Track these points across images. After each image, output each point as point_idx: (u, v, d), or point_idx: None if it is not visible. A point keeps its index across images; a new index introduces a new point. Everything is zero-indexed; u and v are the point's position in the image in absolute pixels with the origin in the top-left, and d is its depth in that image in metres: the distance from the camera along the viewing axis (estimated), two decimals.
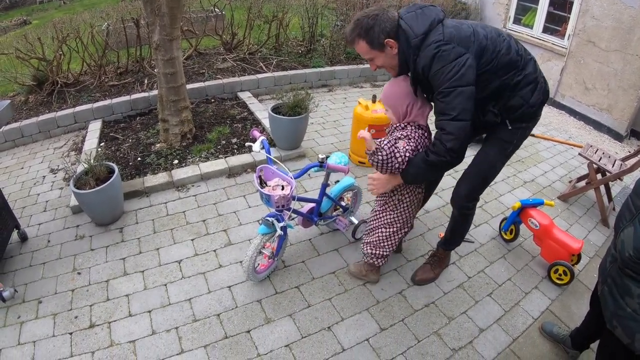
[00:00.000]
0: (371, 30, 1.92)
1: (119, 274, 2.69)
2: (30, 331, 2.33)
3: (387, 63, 2.06)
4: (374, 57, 2.03)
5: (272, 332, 2.32)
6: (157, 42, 3.46)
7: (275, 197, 2.20)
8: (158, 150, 3.92)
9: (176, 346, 2.23)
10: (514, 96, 1.99)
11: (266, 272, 2.62)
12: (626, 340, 1.48)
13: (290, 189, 2.24)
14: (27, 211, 3.34)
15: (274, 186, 2.28)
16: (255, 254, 2.37)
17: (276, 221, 2.32)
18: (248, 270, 2.41)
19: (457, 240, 2.67)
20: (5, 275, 2.70)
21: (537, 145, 4.67)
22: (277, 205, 2.24)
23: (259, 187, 2.25)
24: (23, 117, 4.53)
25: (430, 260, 2.76)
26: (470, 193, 2.33)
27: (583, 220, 3.44)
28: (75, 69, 5.26)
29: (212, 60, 5.79)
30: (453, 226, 2.57)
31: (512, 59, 1.95)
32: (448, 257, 2.83)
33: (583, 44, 5.37)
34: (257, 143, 2.36)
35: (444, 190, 3.64)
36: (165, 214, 3.24)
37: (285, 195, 2.20)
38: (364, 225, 2.94)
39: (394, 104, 2.18)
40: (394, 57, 2.01)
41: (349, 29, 2.00)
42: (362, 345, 2.27)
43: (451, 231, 2.61)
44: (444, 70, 1.81)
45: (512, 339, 2.36)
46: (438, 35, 1.84)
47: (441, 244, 2.72)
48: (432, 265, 2.74)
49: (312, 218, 2.73)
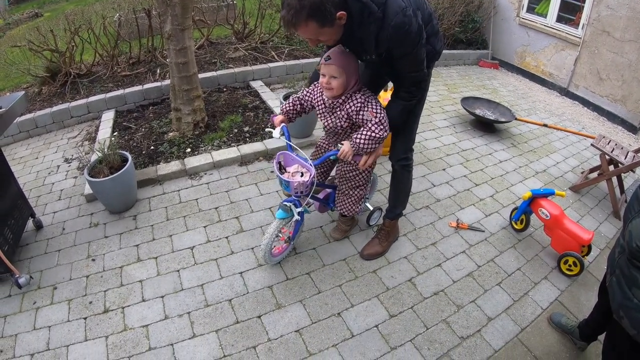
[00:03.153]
0: (321, 6, 1.72)
1: (133, 260, 2.73)
2: (46, 316, 2.37)
3: (333, 37, 1.92)
4: (320, 35, 1.86)
5: (283, 318, 2.35)
6: (169, 32, 3.48)
7: (294, 183, 2.21)
8: (171, 139, 3.95)
9: (188, 331, 2.26)
10: (426, 45, 2.06)
11: (281, 255, 2.67)
12: (632, 332, 1.47)
13: (310, 176, 2.24)
14: (42, 200, 3.39)
15: (293, 172, 2.29)
16: (273, 237, 2.41)
17: (294, 206, 2.34)
18: (265, 253, 2.46)
19: (403, 202, 2.75)
20: (21, 263, 2.74)
21: (549, 136, 4.63)
22: (296, 191, 2.25)
23: (278, 173, 2.26)
24: (37, 108, 4.58)
25: (378, 234, 2.81)
26: (407, 145, 2.51)
27: (594, 212, 3.42)
28: (87, 60, 5.30)
29: (223, 49, 5.78)
30: (396, 187, 2.69)
31: (429, 11, 2.09)
32: (396, 229, 2.88)
33: (597, 34, 5.30)
34: (278, 129, 2.35)
35: (455, 179, 3.65)
36: (178, 201, 3.27)
37: (304, 181, 2.21)
38: (378, 213, 2.97)
39: (350, 73, 2.10)
40: (341, 28, 1.90)
41: (290, 12, 1.73)
42: (372, 331, 2.29)
43: (395, 193, 2.72)
44: (409, 35, 1.84)
45: (520, 328, 2.36)
46: (399, 2, 1.80)
47: (387, 214, 2.79)
48: (380, 239, 2.78)
49: (328, 204, 2.77)
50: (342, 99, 2.16)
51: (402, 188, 2.68)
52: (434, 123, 4.69)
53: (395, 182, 2.67)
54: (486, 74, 6.67)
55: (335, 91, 2.11)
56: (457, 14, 6.76)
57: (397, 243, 2.90)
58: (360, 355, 2.16)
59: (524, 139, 4.51)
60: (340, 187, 2.60)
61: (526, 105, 5.53)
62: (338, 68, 2.03)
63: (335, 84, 2.07)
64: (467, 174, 3.75)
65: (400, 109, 2.21)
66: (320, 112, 2.32)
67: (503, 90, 5.98)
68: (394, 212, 2.75)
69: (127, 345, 2.19)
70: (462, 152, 4.12)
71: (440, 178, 3.65)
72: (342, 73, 2.05)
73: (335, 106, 2.20)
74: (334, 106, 2.21)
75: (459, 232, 3.04)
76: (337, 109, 2.20)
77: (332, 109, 2.23)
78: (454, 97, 5.48)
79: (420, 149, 4.10)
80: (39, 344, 2.22)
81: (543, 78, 6.33)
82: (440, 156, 4.00)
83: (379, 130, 2.13)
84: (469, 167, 3.85)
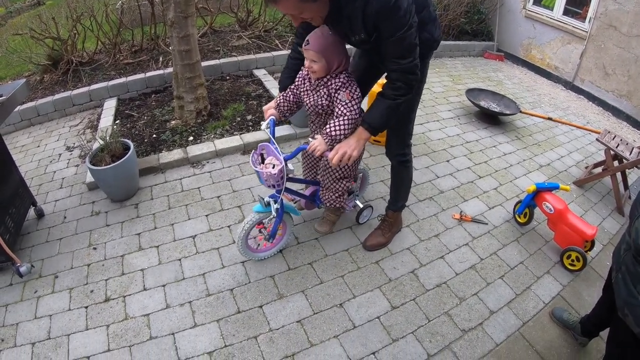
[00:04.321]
0: None
1: (134, 249, 2.72)
2: (47, 305, 2.38)
3: (318, 13, 1.82)
4: (303, 11, 1.76)
5: (284, 308, 2.35)
6: (172, 20, 3.45)
7: (263, 174, 2.16)
8: (173, 127, 3.93)
9: (189, 320, 2.26)
10: (423, 32, 1.96)
11: (266, 253, 2.62)
12: (636, 329, 1.46)
13: (279, 168, 2.16)
14: (44, 188, 3.38)
15: (267, 164, 2.24)
16: (246, 229, 2.36)
17: (272, 202, 2.30)
18: (239, 246, 2.43)
19: (404, 195, 2.69)
20: (22, 251, 2.74)
21: (554, 129, 4.60)
22: (267, 183, 2.21)
23: (251, 163, 2.21)
24: (38, 96, 4.56)
25: (381, 225, 2.78)
26: (403, 141, 2.42)
27: (598, 207, 3.40)
28: (90, 48, 5.26)
29: (227, 37, 5.74)
30: (396, 181, 2.63)
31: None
32: (399, 221, 2.84)
33: (604, 28, 5.25)
34: (265, 122, 2.33)
35: (459, 171, 3.63)
36: (180, 190, 3.26)
37: (272, 173, 2.14)
38: (369, 211, 2.92)
39: (331, 57, 2.02)
40: (326, 5, 1.80)
41: None
42: (373, 322, 2.29)
43: (395, 187, 2.66)
44: (398, 10, 1.69)
45: (522, 322, 2.36)
46: None
47: (389, 206, 2.75)
48: (383, 230, 2.76)
49: (315, 201, 2.72)
50: (326, 79, 2.11)
51: (402, 183, 2.64)
52: (438, 114, 4.66)
53: (394, 177, 2.63)
54: (491, 66, 6.63)
55: (317, 74, 2.08)
56: (463, 5, 6.70)
57: (400, 234, 2.89)
58: (361, 346, 2.16)
59: (529, 132, 4.48)
60: (323, 181, 2.51)
61: (531, 98, 5.49)
62: (316, 53, 1.99)
63: (315, 67, 2.04)
64: (471, 166, 3.73)
65: (384, 108, 1.98)
66: (304, 90, 2.27)
67: (508, 83, 5.94)
68: (396, 204, 2.72)
69: (128, 334, 2.19)
70: (466, 143, 4.10)
71: (444, 169, 3.63)
72: (320, 57, 2.00)
73: (319, 85, 2.16)
74: (318, 84, 2.16)
75: (462, 224, 3.03)
76: (321, 87, 2.15)
77: (315, 87, 2.18)
78: (458, 88, 5.44)
79: (424, 139, 4.08)
80: (40, 333, 2.22)
81: (548, 71, 6.28)
82: (444, 147, 3.98)
83: (349, 111, 2.04)
84: (473, 159, 3.83)
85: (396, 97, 1.93)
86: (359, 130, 2.03)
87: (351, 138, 2.03)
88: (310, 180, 2.70)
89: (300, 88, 2.30)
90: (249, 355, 2.10)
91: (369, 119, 2.01)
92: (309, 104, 2.24)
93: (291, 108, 2.37)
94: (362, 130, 2.02)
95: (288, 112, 2.38)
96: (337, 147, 2.01)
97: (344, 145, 2.01)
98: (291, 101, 2.34)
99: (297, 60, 2.31)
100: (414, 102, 2.30)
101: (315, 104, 2.20)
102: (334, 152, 2.01)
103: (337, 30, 1.99)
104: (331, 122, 2.05)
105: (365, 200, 3.17)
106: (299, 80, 2.29)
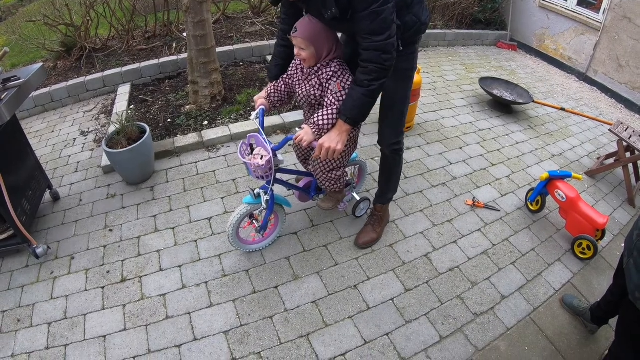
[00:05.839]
0: None
1: (150, 230, 2.76)
2: (63, 286, 2.42)
3: None
4: None
5: (299, 289, 2.38)
6: (187, 5, 3.46)
7: (251, 165, 2.12)
8: (188, 111, 3.96)
9: (205, 300, 2.30)
10: (408, 14, 1.92)
11: (257, 245, 2.59)
12: None
13: (266, 159, 2.10)
14: (59, 172, 3.43)
15: (255, 155, 2.19)
16: (236, 221, 2.32)
17: (263, 193, 2.27)
18: (229, 237, 2.40)
19: (394, 187, 2.64)
20: (38, 233, 2.79)
21: (566, 120, 4.57)
22: (256, 174, 2.17)
23: (239, 154, 2.17)
24: (52, 82, 4.60)
25: (371, 221, 2.73)
26: (396, 130, 2.33)
27: (609, 198, 3.39)
28: (103, 34, 5.30)
29: (240, 24, 5.75)
30: (387, 172, 2.56)
31: None
32: (387, 213, 2.80)
33: (618, 19, 5.18)
34: (254, 113, 2.26)
35: (472, 158, 3.64)
36: (196, 173, 3.28)
37: (260, 164, 2.09)
38: (366, 203, 2.85)
39: (319, 43, 1.97)
40: None
41: None
42: (387, 304, 2.32)
43: (386, 177, 2.58)
44: None
45: (532, 308, 2.37)
46: None
47: (378, 200, 2.69)
48: (374, 225, 2.71)
49: (309, 193, 2.65)
50: (317, 67, 2.06)
51: (393, 173, 2.56)
52: (451, 102, 4.66)
53: (385, 167, 2.55)
54: (504, 55, 6.58)
55: (307, 62, 2.04)
56: None
57: (413, 219, 2.91)
58: (375, 327, 2.19)
59: (541, 121, 4.46)
60: (315, 172, 2.40)
61: (544, 88, 5.45)
62: (304, 40, 1.95)
63: (304, 55, 1.99)
64: (484, 153, 3.73)
65: (358, 97, 1.88)
66: (297, 80, 2.22)
67: (521, 73, 5.90)
68: (385, 197, 2.66)
69: (145, 314, 2.23)
70: (479, 131, 4.09)
71: (457, 156, 3.64)
72: (309, 45, 1.95)
73: (311, 74, 2.11)
74: (309, 74, 2.11)
75: (474, 210, 3.04)
76: (312, 76, 2.10)
77: (307, 76, 2.13)
78: (471, 77, 5.42)
79: (437, 127, 4.09)
80: (56, 313, 2.26)
81: (562, 62, 6.21)
82: (457, 135, 3.98)
83: (338, 102, 2.00)
84: (486, 147, 3.82)
85: (370, 82, 1.83)
86: (339, 122, 1.96)
87: (332, 132, 1.97)
88: (303, 171, 2.65)
89: (292, 78, 2.25)
90: (264, 335, 2.13)
91: (345, 110, 1.93)
92: (300, 94, 2.20)
93: (282, 98, 2.30)
94: (342, 123, 1.95)
95: (278, 103, 2.32)
96: (320, 143, 1.95)
97: (326, 140, 1.95)
98: (282, 91, 2.28)
99: (284, 48, 2.25)
100: (407, 89, 2.22)
101: (307, 94, 2.15)
102: (318, 150, 1.97)
103: (311, 8, 1.91)
104: (319, 112, 2.01)
105: None
106: (292, 69, 2.24)
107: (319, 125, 1.99)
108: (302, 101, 2.24)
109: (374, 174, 3.29)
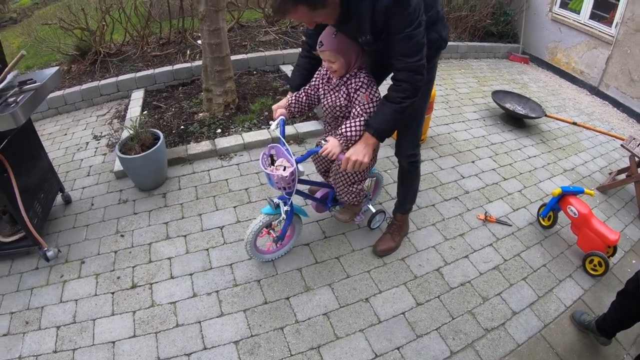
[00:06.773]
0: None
1: (162, 237, 2.77)
2: (73, 290, 2.42)
3: (329, 15, 1.80)
4: (315, 17, 1.77)
5: (311, 300, 2.37)
6: (203, 13, 3.49)
7: (274, 177, 2.11)
8: (201, 119, 3.98)
9: (216, 309, 2.30)
10: (432, 32, 1.95)
11: (273, 255, 2.60)
12: None
13: (290, 171, 2.10)
14: (71, 175, 3.44)
15: (277, 166, 2.18)
16: (255, 231, 2.32)
17: (282, 204, 2.26)
18: (247, 247, 2.39)
19: (412, 197, 2.67)
20: (49, 236, 2.80)
21: (578, 134, 4.55)
22: (278, 185, 2.16)
23: (261, 165, 2.15)
24: (66, 86, 4.64)
25: (390, 229, 2.75)
26: (413, 142, 2.38)
27: (621, 214, 3.36)
28: (117, 40, 5.35)
29: (254, 32, 5.79)
30: (405, 183, 2.60)
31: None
32: (407, 223, 2.81)
33: (631, 33, 5.17)
34: (275, 122, 2.25)
35: (484, 172, 3.62)
36: (208, 181, 3.29)
37: (284, 176, 2.06)
38: (381, 215, 2.85)
39: (347, 52, 1.98)
40: (336, 6, 1.75)
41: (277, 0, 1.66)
42: (398, 318, 2.30)
43: (404, 189, 2.62)
44: (408, 6, 1.69)
45: (543, 324, 2.35)
46: None
47: (397, 209, 2.72)
48: (392, 235, 2.72)
49: (326, 204, 2.65)
50: (347, 77, 2.07)
51: (410, 185, 2.60)
52: (464, 115, 4.65)
53: (403, 179, 2.59)
54: (516, 68, 6.57)
55: (338, 72, 2.05)
56: (489, 6, 6.68)
57: (425, 232, 2.90)
58: (386, 341, 2.18)
59: (553, 136, 4.45)
60: (336, 185, 2.43)
61: (556, 102, 5.43)
62: (332, 52, 1.96)
63: (335, 67, 2.01)
64: (496, 167, 3.71)
65: (390, 113, 1.93)
66: (324, 91, 2.22)
67: (533, 86, 5.89)
68: (404, 207, 2.69)
69: (155, 321, 2.23)
70: (492, 145, 4.08)
71: (469, 170, 3.63)
72: (337, 56, 1.97)
73: (340, 84, 2.11)
74: (339, 84, 2.12)
75: (486, 224, 3.03)
76: (342, 86, 2.11)
77: (336, 86, 2.14)
78: (484, 90, 5.42)
79: (450, 140, 4.08)
80: (65, 317, 2.27)
81: (573, 75, 6.20)
82: (469, 148, 3.97)
83: (366, 113, 2.01)
84: (498, 161, 3.81)
85: (402, 100, 1.89)
86: (365, 135, 1.98)
87: (359, 144, 1.98)
88: (321, 182, 2.66)
89: (317, 88, 2.25)
90: (274, 346, 2.13)
91: (374, 124, 1.96)
92: (326, 104, 2.20)
93: (302, 109, 2.30)
94: (369, 136, 1.97)
95: (298, 114, 2.32)
96: (346, 156, 1.97)
97: (353, 153, 1.97)
98: (303, 102, 2.28)
99: (308, 59, 2.28)
100: (425, 102, 2.27)
101: (333, 104, 2.16)
102: (344, 163, 1.98)
103: (344, 31, 1.95)
104: (347, 123, 2.02)
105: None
106: (317, 79, 2.25)
107: (347, 137, 2.00)
108: (327, 112, 2.25)
109: (386, 186, 3.30)
